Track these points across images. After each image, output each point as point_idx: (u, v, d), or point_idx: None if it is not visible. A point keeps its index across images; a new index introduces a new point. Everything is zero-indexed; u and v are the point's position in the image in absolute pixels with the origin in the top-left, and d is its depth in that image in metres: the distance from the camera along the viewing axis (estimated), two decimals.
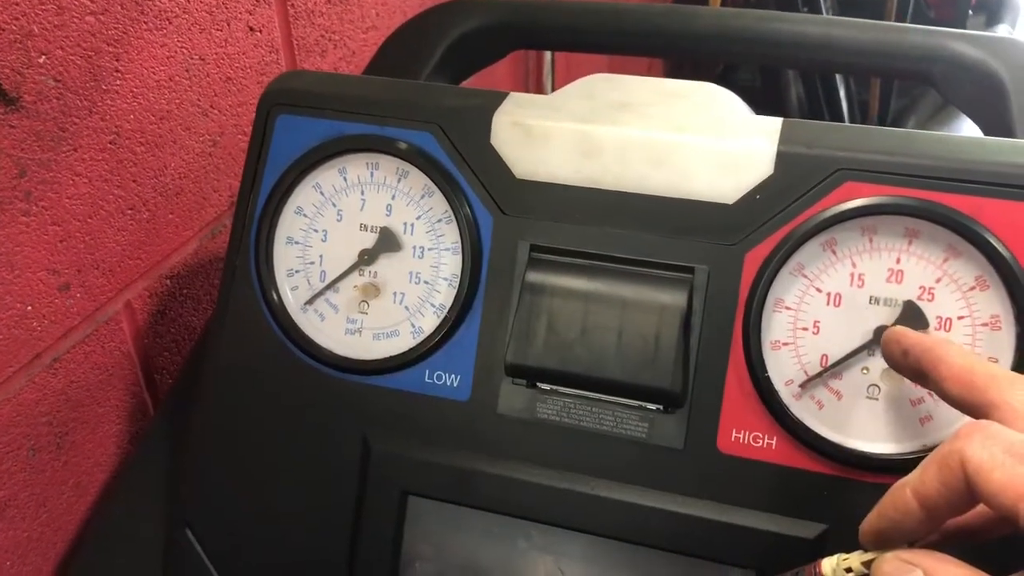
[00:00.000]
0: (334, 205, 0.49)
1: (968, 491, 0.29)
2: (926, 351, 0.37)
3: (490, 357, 0.47)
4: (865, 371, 0.43)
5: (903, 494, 0.31)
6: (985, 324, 0.42)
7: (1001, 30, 1.99)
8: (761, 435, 0.44)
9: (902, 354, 0.38)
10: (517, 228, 0.47)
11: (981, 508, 0.30)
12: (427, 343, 0.47)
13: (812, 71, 1.56)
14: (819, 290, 0.43)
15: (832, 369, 0.43)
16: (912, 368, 0.38)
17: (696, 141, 0.45)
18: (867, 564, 0.33)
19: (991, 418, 0.32)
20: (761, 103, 0.48)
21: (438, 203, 0.48)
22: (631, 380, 0.44)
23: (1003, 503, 0.28)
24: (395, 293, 0.49)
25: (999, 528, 0.34)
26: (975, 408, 0.34)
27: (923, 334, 0.39)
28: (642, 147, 0.45)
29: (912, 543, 0.32)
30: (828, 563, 0.34)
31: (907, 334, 0.39)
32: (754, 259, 0.44)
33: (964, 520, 0.34)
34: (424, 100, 0.49)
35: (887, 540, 0.32)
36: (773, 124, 0.45)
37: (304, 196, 0.50)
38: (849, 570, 0.33)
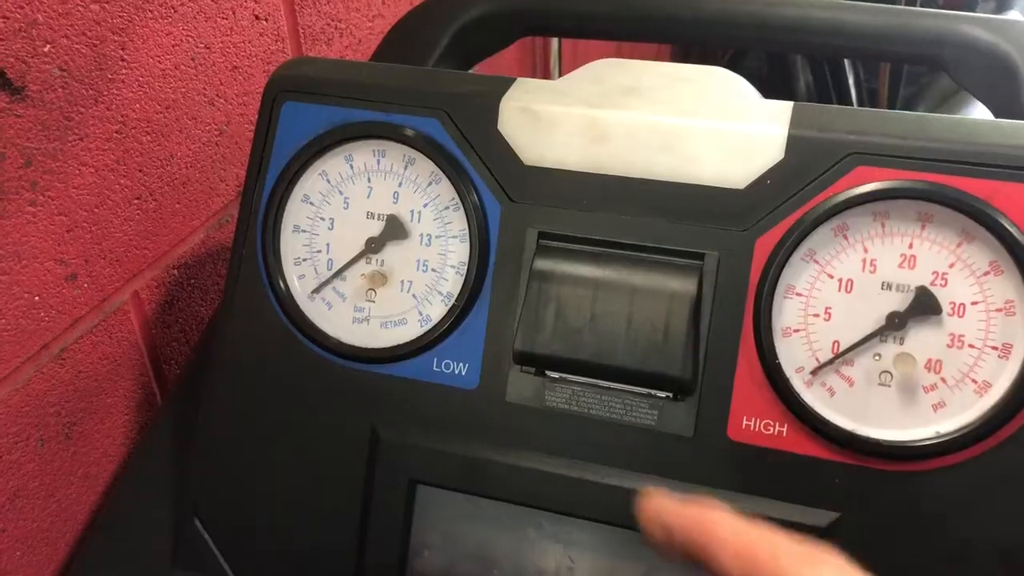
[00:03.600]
0: (341, 193, 0.49)
1: None
2: (693, 527, 0.31)
3: (498, 345, 0.47)
4: (877, 357, 0.43)
5: None
6: (999, 309, 0.41)
7: (1012, 16, 1.97)
8: (772, 422, 0.43)
9: (665, 534, 0.32)
10: (525, 215, 0.47)
11: None
12: (435, 331, 0.47)
13: (821, 57, 1.55)
14: (830, 276, 0.43)
15: (844, 356, 0.43)
16: (681, 549, 0.31)
17: (705, 125, 0.44)
18: None
19: None
20: (769, 91, 0.48)
21: (445, 190, 0.48)
22: (640, 367, 0.44)
23: None
24: (402, 281, 0.48)
25: None
26: None
27: (684, 503, 0.32)
28: (651, 132, 0.45)
29: None
30: None
31: (667, 507, 0.32)
32: (765, 245, 0.44)
33: None
34: (430, 86, 0.49)
35: None
36: (784, 108, 0.45)
37: (310, 184, 0.50)
38: None
